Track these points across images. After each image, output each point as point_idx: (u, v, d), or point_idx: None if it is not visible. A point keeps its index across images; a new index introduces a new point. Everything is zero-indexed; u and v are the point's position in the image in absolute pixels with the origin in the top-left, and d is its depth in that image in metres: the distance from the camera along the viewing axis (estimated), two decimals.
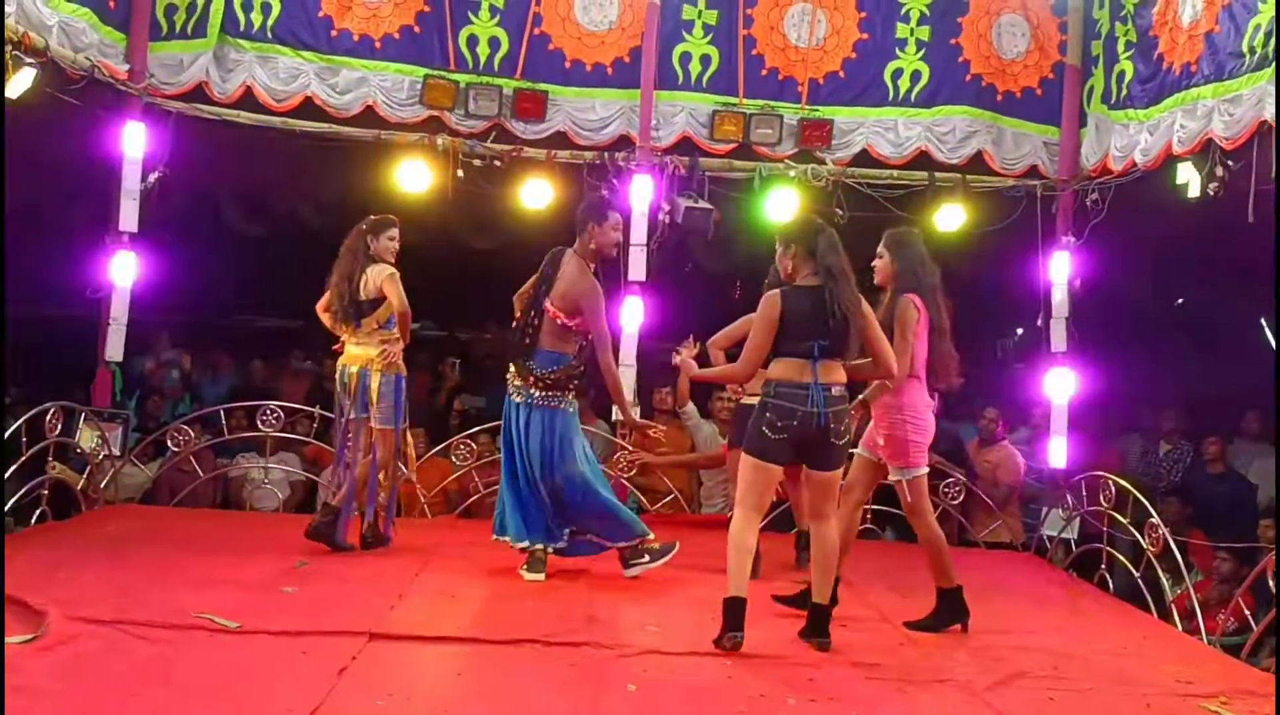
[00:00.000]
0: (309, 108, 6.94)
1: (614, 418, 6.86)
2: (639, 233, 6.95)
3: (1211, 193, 5.67)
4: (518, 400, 5.11)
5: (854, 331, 4.12)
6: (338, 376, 5.48)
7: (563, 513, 5.09)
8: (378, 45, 6.97)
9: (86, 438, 6.18)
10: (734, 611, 4.04)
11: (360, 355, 5.39)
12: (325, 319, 5.48)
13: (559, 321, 5.03)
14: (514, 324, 5.21)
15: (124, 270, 6.53)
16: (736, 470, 5.47)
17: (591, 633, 4.16)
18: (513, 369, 5.15)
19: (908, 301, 4.56)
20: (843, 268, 4.14)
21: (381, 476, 5.49)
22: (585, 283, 5.02)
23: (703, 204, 7.01)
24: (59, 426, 5.74)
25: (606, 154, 7.14)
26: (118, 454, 6.39)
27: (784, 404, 4.06)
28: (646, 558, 5.11)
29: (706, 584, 4.70)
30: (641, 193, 6.98)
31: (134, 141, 6.52)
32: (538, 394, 5.04)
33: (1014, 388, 8.98)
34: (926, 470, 4.64)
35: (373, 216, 5.49)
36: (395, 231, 5.43)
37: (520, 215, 7.35)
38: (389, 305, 5.31)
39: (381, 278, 5.29)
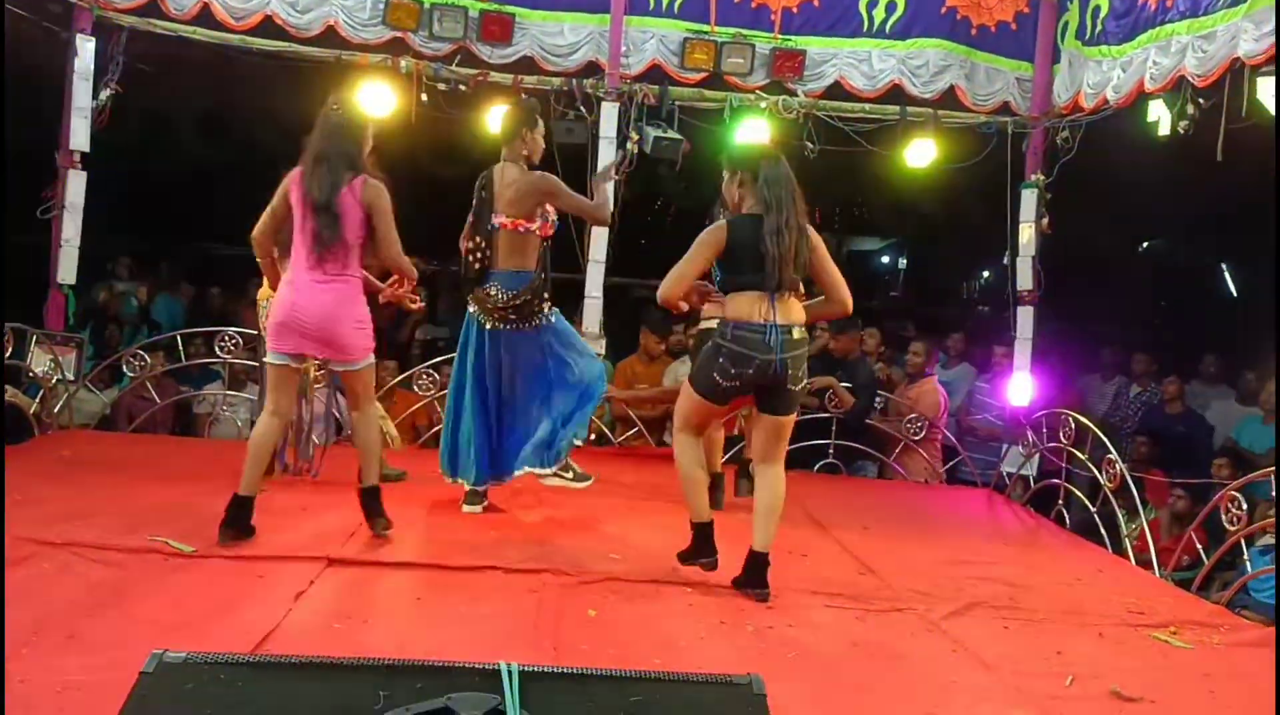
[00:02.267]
0: (269, 26, 6.72)
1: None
2: (607, 162, 6.83)
3: (1182, 131, 5.65)
4: (490, 326, 4.90)
5: (802, 264, 3.93)
6: None
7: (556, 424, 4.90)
8: None
9: (39, 361, 6.05)
10: (702, 536, 4.02)
11: None
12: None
13: (519, 230, 4.82)
14: (466, 257, 4.96)
15: (75, 190, 6.34)
16: None
17: (552, 560, 4.16)
18: (474, 300, 4.95)
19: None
20: (791, 196, 3.93)
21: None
22: (533, 176, 4.87)
23: (672, 134, 6.90)
24: (9, 350, 5.61)
25: (575, 81, 6.99)
26: (72, 378, 6.26)
27: (740, 350, 3.86)
28: (571, 475, 5.03)
29: (669, 514, 4.71)
30: (610, 121, 6.85)
31: (84, 56, 6.29)
32: (511, 320, 4.88)
33: (979, 327, 9.06)
34: None
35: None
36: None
37: (486, 142, 7.19)
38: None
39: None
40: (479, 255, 4.89)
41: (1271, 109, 5.04)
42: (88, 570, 3.64)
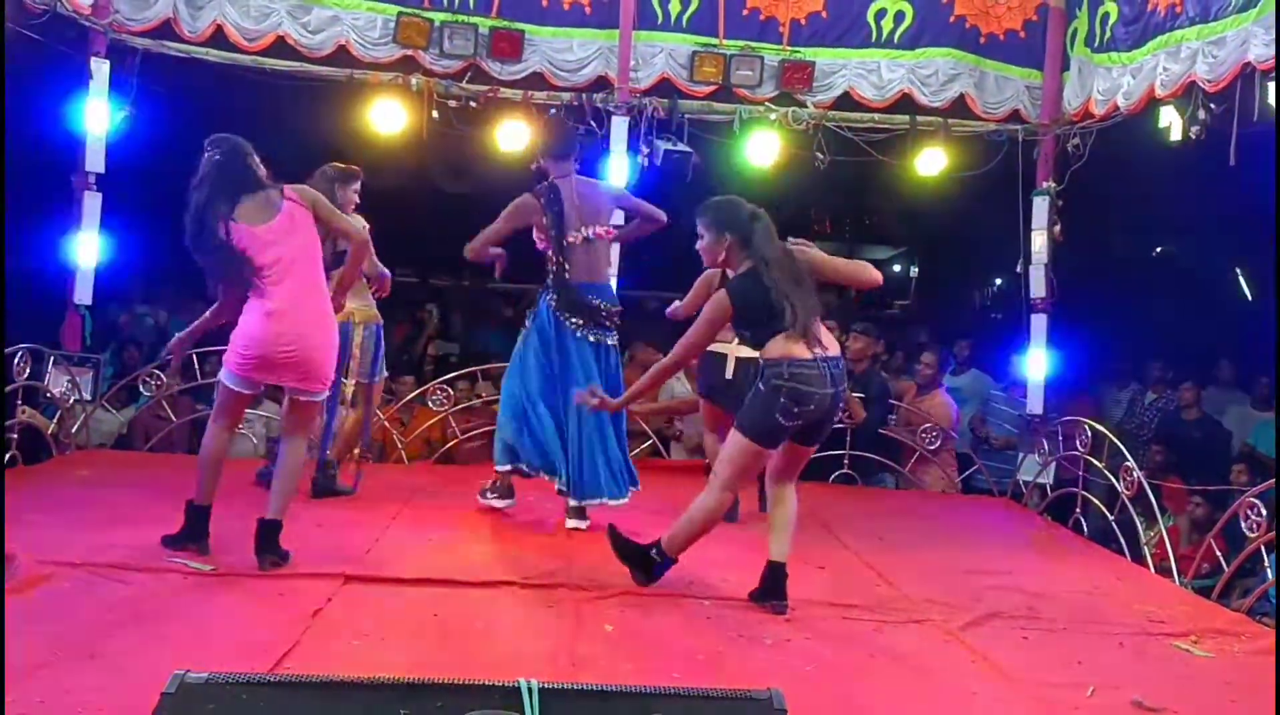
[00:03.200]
0: (280, 47, 6.78)
1: None
2: (618, 176, 6.87)
3: (1194, 136, 5.64)
4: (593, 340, 4.91)
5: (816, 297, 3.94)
6: None
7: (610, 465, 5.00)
8: None
9: (56, 382, 6.08)
10: (655, 567, 4.03)
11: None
12: None
13: (609, 237, 5.00)
14: (554, 268, 4.92)
15: (91, 211, 6.39)
16: (711, 420, 5.49)
17: (569, 574, 4.16)
18: (574, 308, 4.89)
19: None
20: (778, 258, 3.90)
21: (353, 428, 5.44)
22: (608, 184, 5.11)
23: (681, 147, 6.92)
24: (27, 370, 5.65)
25: (584, 95, 7.02)
26: (89, 398, 6.30)
27: (801, 388, 3.78)
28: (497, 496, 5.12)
29: None
30: (620, 135, 6.88)
31: (99, 79, 6.35)
32: (609, 330, 4.95)
33: (992, 334, 9.03)
34: None
35: (338, 164, 5.30)
36: (359, 184, 5.28)
37: (496, 157, 7.23)
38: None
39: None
40: (568, 268, 4.89)
41: None
42: (107, 590, 3.65)
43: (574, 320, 4.91)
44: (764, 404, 3.84)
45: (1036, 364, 7.08)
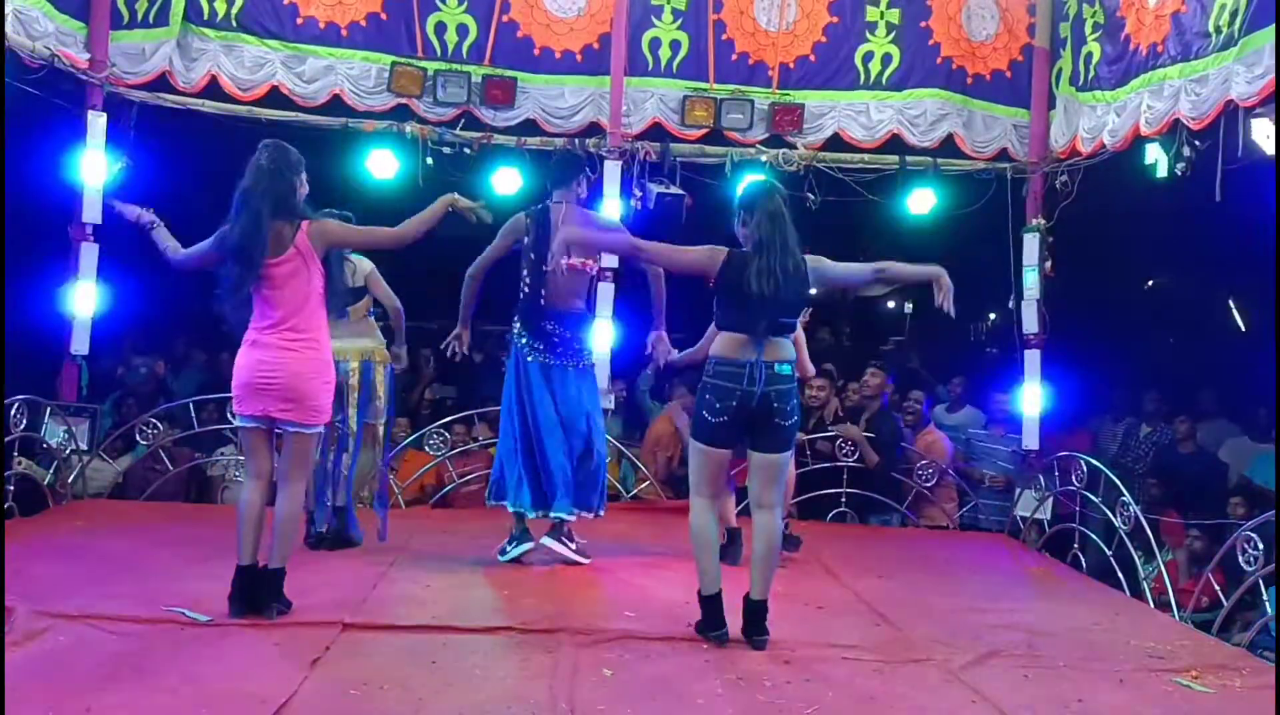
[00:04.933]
0: (275, 97, 6.88)
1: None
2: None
3: (1179, 173, 5.71)
4: (545, 361, 4.99)
5: (799, 305, 4.00)
6: None
7: (575, 479, 5.02)
8: (344, 33, 6.91)
9: (53, 432, 6.09)
10: (711, 609, 3.96)
11: (356, 348, 5.18)
12: None
13: (583, 268, 4.97)
14: (524, 291, 5.04)
15: (88, 262, 6.43)
16: None
17: (567, 619, 4.14)
18: (529, 332, 5.00)
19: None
20: (783, 237, 3.93)
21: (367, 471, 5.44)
22: (598, 219, 5.05)
23: (674, 190, 7.00)
24: (24, 421, 5.66)
25: (577, 141, 7.11)
26: (85, 449, 6.30)
27: (722, 383, 3.91)
28: (574, 546, 5.08)
29: (683, 569, 4.68)
30: (613, 179, 6.95)
31: (96, 131, 6.42)
32: (571, 354, 5.01)
33: (987, 371, 9.05)
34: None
35: (333, 212, 5.29)
36: None
37: (491, 203, 7.27)
38: (369, 297, 5.26)
39: (367, 271, 5.23)
40: (527, 292, 4.99)
41: (1267, 150, 5.10)
42: (104, 642, 3.64)
43: (533, 345, 5.02)
44: (697, 403, 4.01)
45: (1031, 399, 7.10)
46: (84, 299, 6.47)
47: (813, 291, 4.21)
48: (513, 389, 5.08)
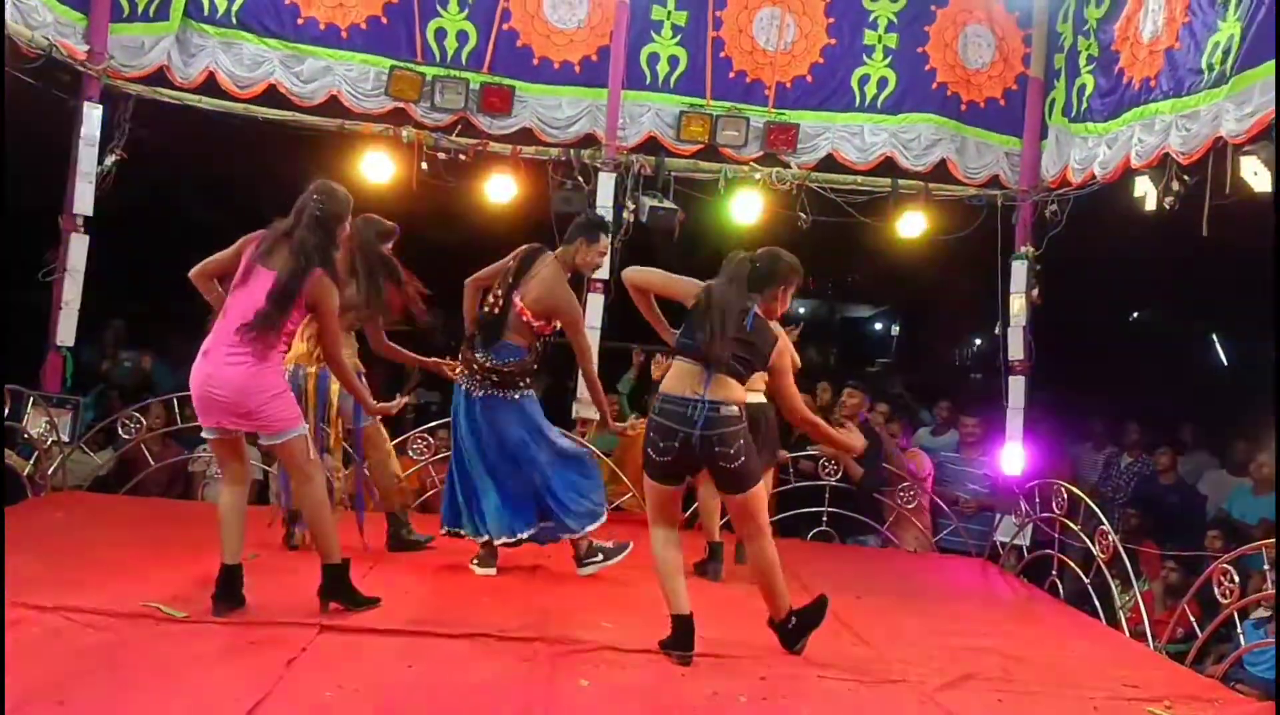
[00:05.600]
0: (272, 95, 6.88)
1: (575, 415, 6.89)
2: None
3: (1167, 207, 5.77)
4: (478, 393, 5.01)
5: (754, 350, 3.96)
6: (289, 377, 4.71)
7: (539, 501, 5.03)
8: (344, 35, 6.93)
9: (35, 423, 6.06)
10: (681, 628, 3.96)
11: (308, 352, 5.06)
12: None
13: (525, 319, 4.96)
14: (487, 309, 5.03)
15: (77, 253, 6.41)
16: None
17: (545, 628, 4.14)
18: (462, 361, 5.05)
19: None
20: (721, 297, 3.95)
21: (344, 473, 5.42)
22: (565, 294, 4.97)
23: (668, 204, 7.03)
24: (5, 411, 5.63)
25: (572, 151, 7.13)
26: (67, 440, 6.27)
27: (664, 422, 3.91)
28: (601, 556, 5.11)
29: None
30: (606, 191, 6.97)
31: (91, 123, 6.41)
32: (493, 384, 4.97)
33: (973, 395, 9.09)
34: None
35: (380, 221, 5.11)
36: (392, 243, 5.16)
37: (485, 210, 7.32)
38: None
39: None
40: (490, 316, 4.99)
41: (1255, 187, 5.16)
42: (79, 636, 3.62)
43: (461, 368, 5.09)
44: (645, 437, 4.03)
45: (1014, 425, 7.14)
46: (72, 289, 6.44)
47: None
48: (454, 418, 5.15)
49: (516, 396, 5.03)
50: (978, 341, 13.56)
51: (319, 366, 5.09)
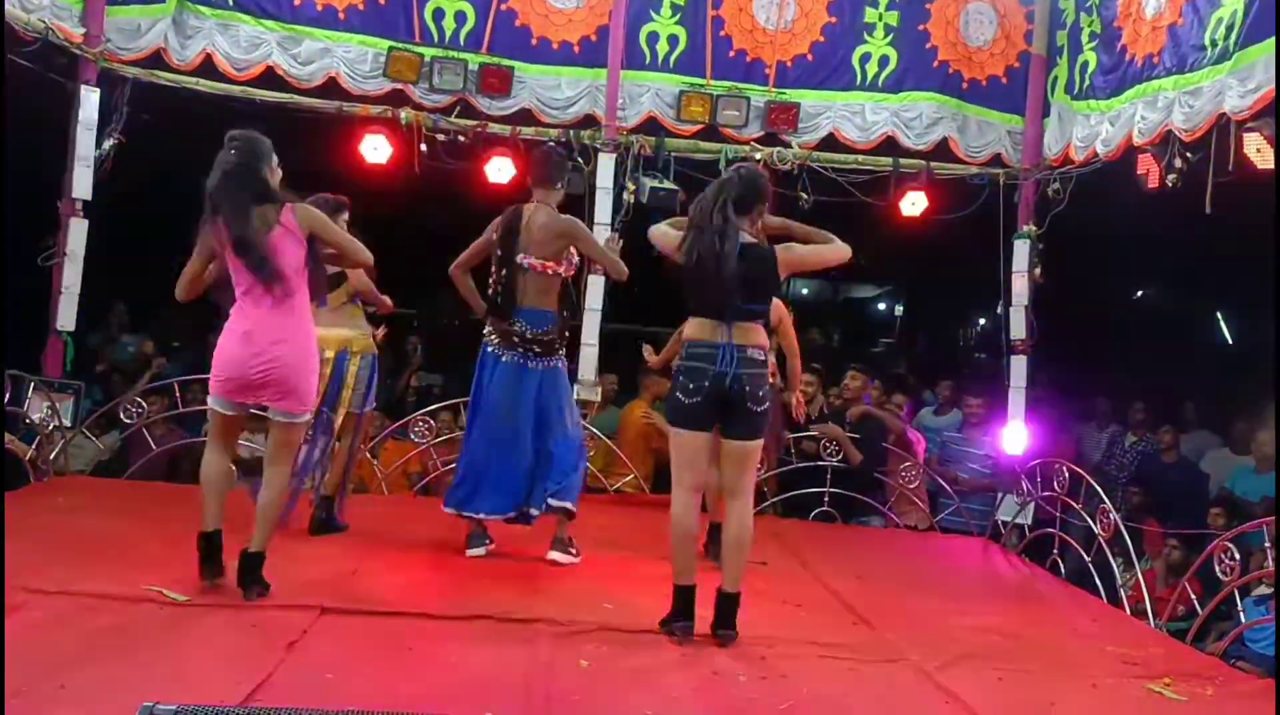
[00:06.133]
0: (270, 77, 6.85)
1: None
2: (604, 212, 6.94)
3: (1171, 184, 5.73)
4: (506, 360, 4.96)
5: (755, 282, 3.93)
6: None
7: (548, 476, 5.00)
8: (341, 16, 6.88)
9: (36, 408, 6.06)
10: (682, 599, 3.96)
11: (334, 337, 5.09)
12: None
13: (547, 272, 4.95)
14: (491, 290, 5.02)
15: (77, 237, 6.40)
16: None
17: (545, 609, 4.15)
18: (496, 331, 4.99)
19: None
20: (709, 216, 3.87)
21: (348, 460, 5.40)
22: (566, 221, 5.00)
23: (668, 184, 6.99)
24: (7, 396, 5.64)
25: (572, 132, 7.10)
26: (69, 425, 6.28)
27: (694, 365, 3.93)
28: (573, 551, 5.07)
29: (663, 564, 4.67)
30: (606, 172, 6.94)
31: (89, 106, 6.39)
32: (535, 354, 4.96)
33: (977, 375, 9.09)
34: None
35: (327, 195, 5.27)
36: (348, 214, 5.24)
37: (484, 191, 7.28)
38: (351, 282, 5.23)
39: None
40: (499, 289, 4.96)
41: (1258, 163, 5.12)
42: (81, 619, 3.63)
43: (498, 341, 5.00)
44: (672, 387, 4.06)
45: (1016, 405, 7.13)
46: (71, 274, 6.43)
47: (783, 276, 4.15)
48: (480, 389, 5.06)
49: (556, 363, 5.06)
50: (981, 321, 13.54)
51: (338, 350, 5.12)
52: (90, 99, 6.42)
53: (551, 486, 4.98)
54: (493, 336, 5.03)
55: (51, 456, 6.10)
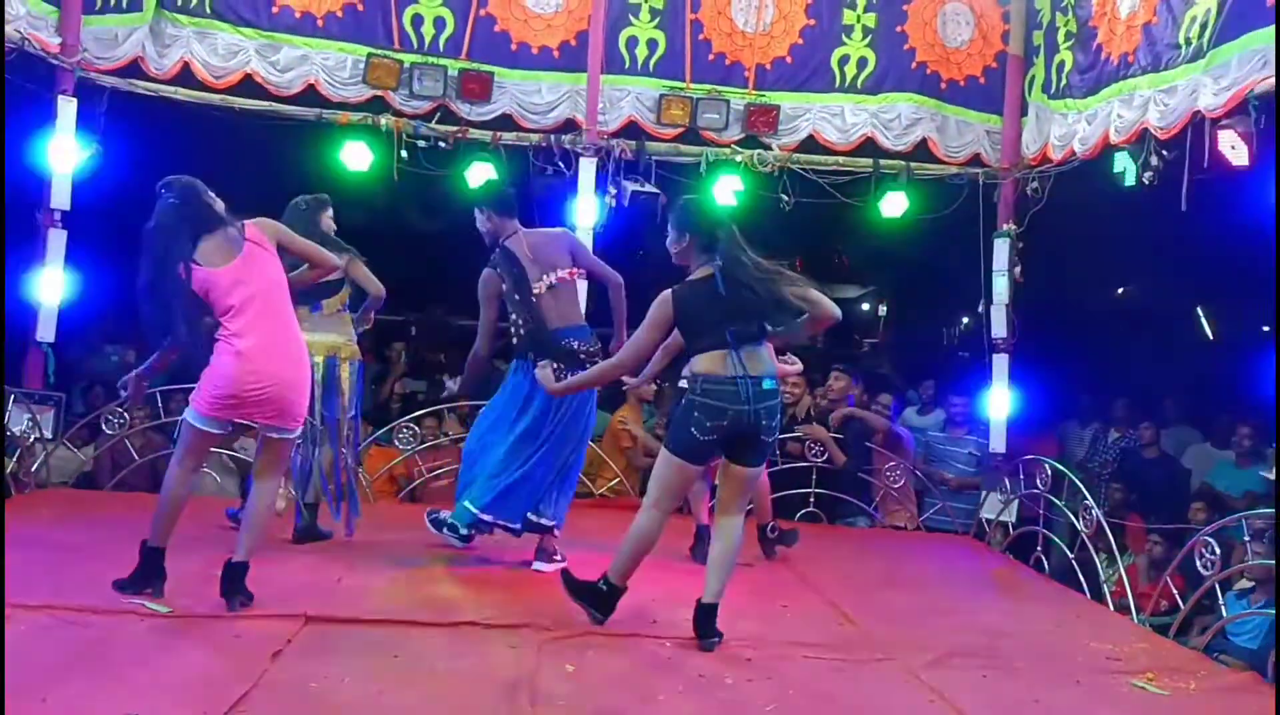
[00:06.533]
0: (249, 85, 6.83)
1: None
2: (586, 216, 6.94)
3: (1147, 182, 5.78)
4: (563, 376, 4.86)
5: (768, 304, 3.94)
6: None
7: (562, 490, 5.01)
8: (320, 23, 6.87)
9: (16, 420, 6.02)
10: (610, 597, 4.03)
11: (322, 343, 5.06)
12: None
13: (574, 279, 4.98)
14: (520, 330, 4.95)
15: (55, 248, 6.37)
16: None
17: (530, 614, 4.14)
18: (551, 356, 4.79)
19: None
20: (741, 258, 3.94)
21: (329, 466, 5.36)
22: (560, 232, 5.02)
23: (649, 188, 7.01)
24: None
25: (553, 137, 7.10)
26: (50, 437, 6.24)
27: (713, 403, 3.88)
28: (559, 558, 5.05)
29: (647, 565, 4.67)
30: (588, 176, 6.95)
31: (66, 117, 6.35)
32: (581, 366, 4.88)
33: (960, 374, 9.12)
34: None
35: (306, 196, 5.24)
36: (331, 210, 5.27)
37: (466, 197, 7.27)
38: (346, 289, 5.21)
39: (345, 260, 5.09)
40: (532, 326, 4.91)
41: (1233, 161, 5.16)
42: (63, 632, 3.61)
43: (555, 366, 4.83)
44: (682, 420, 3.96)
45: (998, 403, 7.16)
46: (51, 286, 6.40)
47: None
48: (515, 403, 4.98)
49: None
50: (964, 320, 13.59)
51: (326, 356, 5.10)
52: (67, 109, 6.38)
53: (564, 503, 5.02)
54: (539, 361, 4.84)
55: (33, 468, 6.06)
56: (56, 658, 3.38)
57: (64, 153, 6.38)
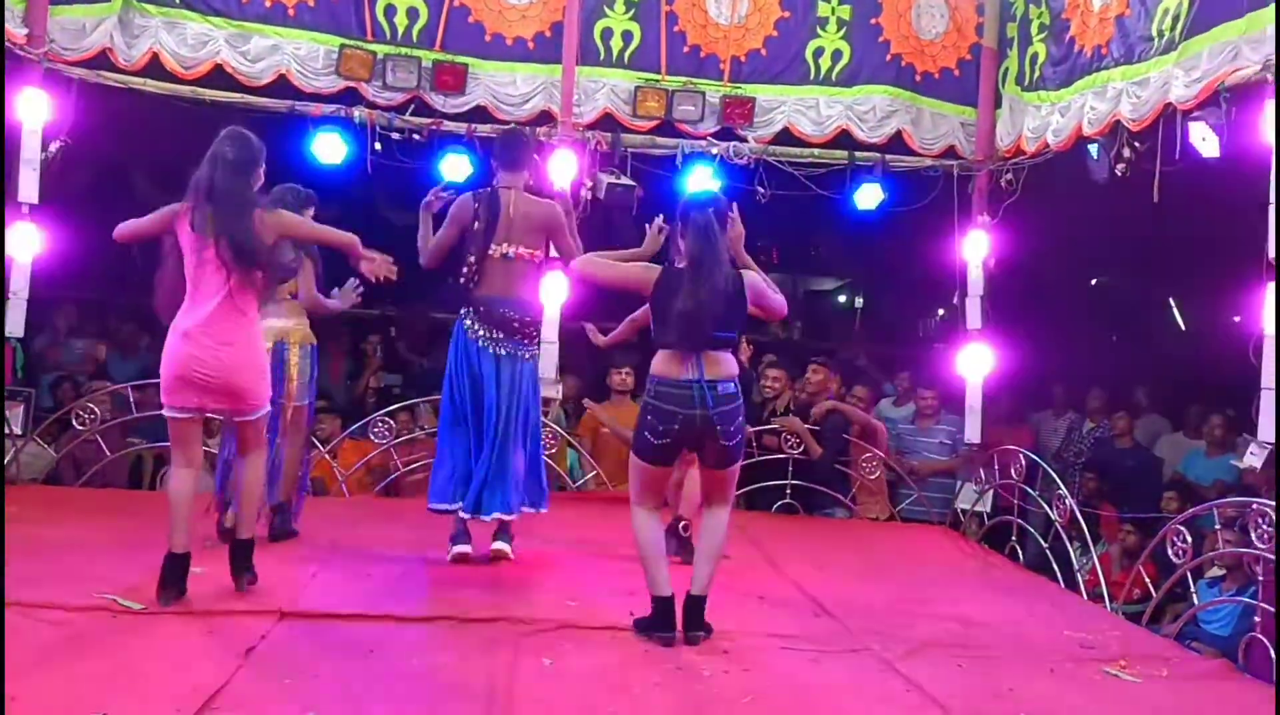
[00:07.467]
0: (219, 76, 6.74)
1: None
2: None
3: (1119, 174, 5.81)
4: (497, 352, 4.84)
5: (734, 313, 3.90)
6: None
7: (530, 480, 4.98)
8: (291, 13, 6.77)
9: None
10: (663, 610, 3.91)
11: (271, 328, 4.96)
12: None
13: (535, 261, 4.90)
14: (464, 279, 4.88)
15: (24, 242, 6.28)
16: None
17: (508, 608, 4.14)
18: (481, 321, 4.84)
19: None
20: (715, 251, 3.86)
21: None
22: (551, 208, 4.94)
23: (625, 180, 6.97)
24: None
25: (528, 129, 7.05)
26: (19, 433, 6.16)
27: (664, 407, 3.83)
28: (514, 541, 5.02)
29: (627, 560, 4.69)
30: (563, 169, 6.91)
31: (33, 108, 6.26)
32: (524, 344, 4.89)
33: (936, 365, 9.16)
34: None
35: (297, 189, 5.18)
36: (313, 209, 5.21)
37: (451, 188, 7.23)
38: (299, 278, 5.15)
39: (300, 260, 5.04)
40: (477, 279, 4.85)
41: (1203, 152, 5.20)
42: (33, 629, 3.56)
43: (482, 333, 4.86)
44: (639, 422, 3.95)
45: (973, 394, 7.19)
46: (19, 279, 6.30)
47: (751, 309, 4.05)
48: (460, 377, 4.92)
49: (533, 354, 4.99)
50: (940, 311, 13.65)
51: (275, 341, 5.03)
52: (35, 101, 6.28)
53: (531, 495, 4.98)
54: (477, 328, 4.86)
55: (5, 463, 5.98)
56: (24, 654, 3.32)
57: (31, 145, 6.27)
